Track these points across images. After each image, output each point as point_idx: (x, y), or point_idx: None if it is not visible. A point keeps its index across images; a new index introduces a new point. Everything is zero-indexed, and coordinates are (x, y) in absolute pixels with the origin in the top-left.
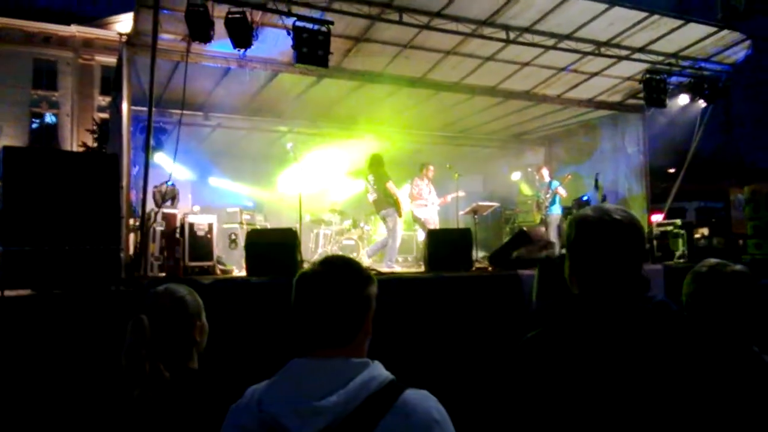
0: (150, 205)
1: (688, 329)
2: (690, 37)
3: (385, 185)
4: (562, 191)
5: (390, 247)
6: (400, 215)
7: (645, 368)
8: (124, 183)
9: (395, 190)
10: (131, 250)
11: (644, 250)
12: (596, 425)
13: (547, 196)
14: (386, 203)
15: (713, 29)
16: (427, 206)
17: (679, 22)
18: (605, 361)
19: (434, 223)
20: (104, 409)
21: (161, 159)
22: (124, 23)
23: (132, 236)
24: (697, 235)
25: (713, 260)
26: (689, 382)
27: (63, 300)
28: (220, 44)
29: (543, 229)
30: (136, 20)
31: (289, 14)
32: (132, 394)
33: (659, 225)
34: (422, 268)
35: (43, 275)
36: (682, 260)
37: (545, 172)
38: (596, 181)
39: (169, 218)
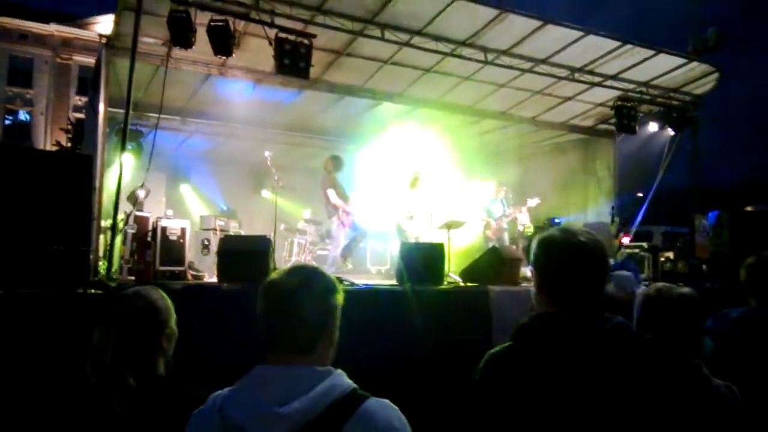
0: (123, 207)
1: (643, 349)
2: (661, 67)
3: (324, 190)
4: (521, 217)
5: (330, 256)
6: (343, 224)
7: (602, 385)
8: (98, 184)
9: (334, 198)
10: (101, 252)
11: (607, 272)
12: None
13: (506, 216)
14: (329, 210)
15: (683, 61)
16: (413, 218)
17: (651, 52)
18: (565, 378)
19: (418, 235)
20: (68, 413)
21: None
22: (104, 24)
23: (102, 238)
24: (662, 259)
25: (660, 284)
26: (642, 400)
27: (29, 300)
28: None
29: (514, 247)
30: (117, 22)
31: (272, 25)
32: (100, 400)
33: (626, 247)
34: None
35: (9, 274)
36: (647, 283)
37: (501, 192)
38: (612, 216)
39: (140, 221)
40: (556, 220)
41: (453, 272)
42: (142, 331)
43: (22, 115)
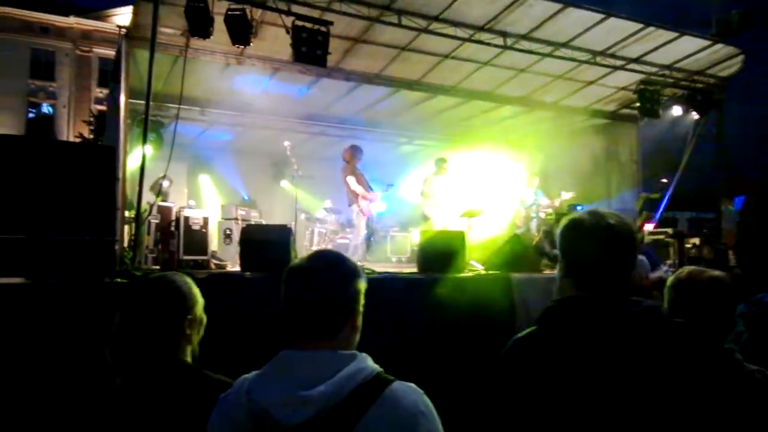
0: (146, 197)
1: (675, 333)
2: (684, 49)
3: (344, 178)
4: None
5: (352, 244)
6: (363, 212)
7: (633, 370)
8: (120, 175)
9: (353, 185)
10: (126, 243)
11: (636, 255)
12: (583, 425)
13: (536, 206)
14: (350, 197)
15: (707, 43)
16: (438, 206)
17: (673, 35)
18: (595, 362)
19: (445, 223)
20: (91, 399)
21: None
22: (123, 16)
23: (127, 228)
24: (687, 245)
25: (691, 267)
26: (674, 385)
27: (56, 290)
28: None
29: (536, 233)
30: (135, 13)
31: (288, 13)
32: (113, 384)
33: (651, 233)
34: (415, 269)
35: (36, 264)
36: (672, 269)
37: (535, 181)
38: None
39: (164, 211)
40: (578, 207)
41: (478, 261)
42: (163, 316)
43: (45, 108)
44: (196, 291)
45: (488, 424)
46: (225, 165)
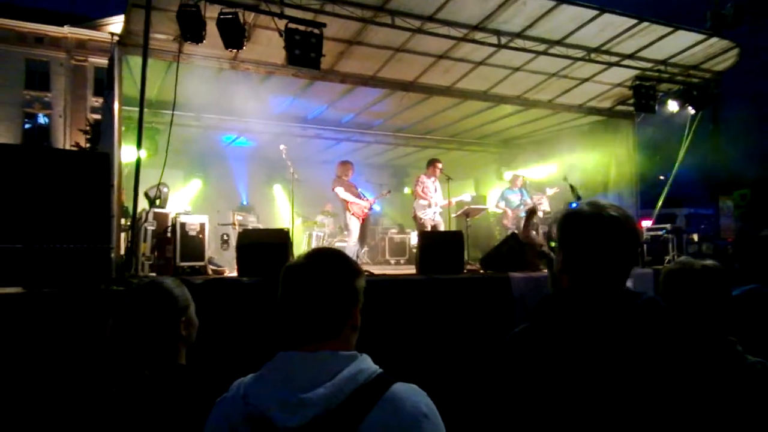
0: (142, 204)
1: (677, 326)
2: (679, 44)
3: (333, 189)
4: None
5: (347, 246)
6: (355, 216)
7: (635, 363)
8: (115, 182)
9: (342, 194)
10: (122, 250)
11: (638, 247)
12: (584, 418)
13: (524, 205)
14: (342, 205)
15: (702, 37)
16: (430, 206)
17: (668, 29)
18: (596, 356)
19: (437, 224)
20: (87, 406)
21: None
22: (117, 25)
23: (123, 235)
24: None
25: (683, 258)
26: (677, 378)
27: (53, 298)
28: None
29: (534, 232)
30: (127, 20)
31: (281, 16)
32: (110, 391)
33: (649, 230)
34: (414, 270)
35: (33, 273)
36: (671, 265)
37: (519, 181)
38: (570, 184)
39: (160, 218)
40: (573, 205)
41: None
42: (158, 319)
43: (41, 118)
44: (188, 294)
45: (490, 422)
46: (221, 169)
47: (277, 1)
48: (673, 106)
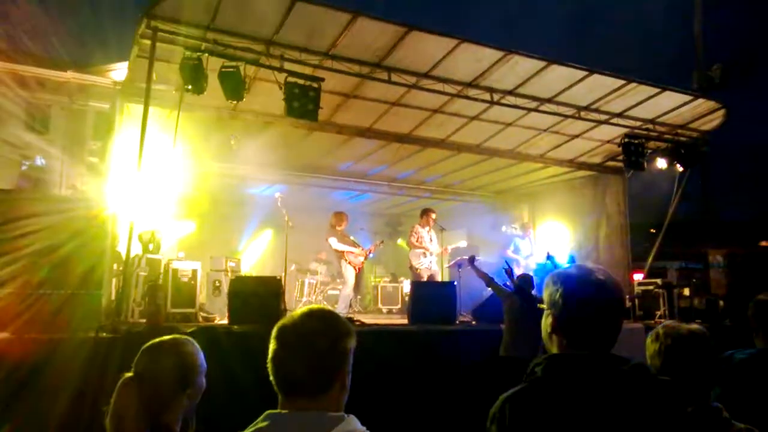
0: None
1: (663, 392)
2: (667, 104)
3: (326, 240)
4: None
5: (342, 295)
6: (351, 265)
7: (621, 428)
8: (109, 228)
9: (335, 245)
10: (113, 295)
11: (625, 311)
12: None
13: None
14: (336, 254)
15: (689, 98)
16: (425, 255)
17: (655, 90)
18: (585, 422)
19: (433, 274)
20: None
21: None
22: (119, 71)
23: (114, 281)
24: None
25: (668, 322)
26: None
27: (40, 345)
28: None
29: None
30: (130, 69)
31: (281, 70)
32: None
33: (640, 284)
34: (406, 320)
35: (20, 319)
36: (662, 320)
37: (529, 229)
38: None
39: (152, 264)
40: (550, 255)
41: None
42: (168, 391)
43: (39, 161)
44: (201, 360)
45: None
46: (215, 215)
47: (278, 56)
48: (661, 163)
